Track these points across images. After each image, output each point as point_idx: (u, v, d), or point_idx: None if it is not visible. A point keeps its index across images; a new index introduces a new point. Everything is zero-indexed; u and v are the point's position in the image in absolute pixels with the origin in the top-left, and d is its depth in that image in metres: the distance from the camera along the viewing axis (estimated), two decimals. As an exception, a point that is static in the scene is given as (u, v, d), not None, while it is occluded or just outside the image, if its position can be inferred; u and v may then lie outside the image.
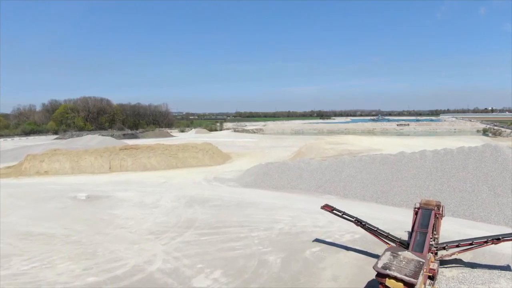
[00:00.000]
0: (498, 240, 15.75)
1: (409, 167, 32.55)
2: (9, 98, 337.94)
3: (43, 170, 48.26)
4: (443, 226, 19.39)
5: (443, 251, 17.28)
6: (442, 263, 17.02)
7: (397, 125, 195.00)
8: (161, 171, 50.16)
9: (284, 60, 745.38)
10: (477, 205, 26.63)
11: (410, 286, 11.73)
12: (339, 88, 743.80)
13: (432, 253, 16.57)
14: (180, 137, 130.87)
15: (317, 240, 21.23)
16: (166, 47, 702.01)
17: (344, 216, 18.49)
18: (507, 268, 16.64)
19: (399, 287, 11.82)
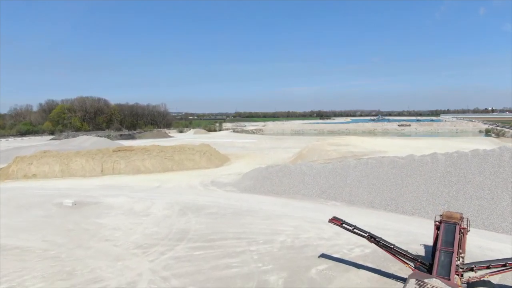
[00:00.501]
0: None
1: (420, 171, 30.26)
2: (7, 98, 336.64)
3: (31, 173, 45.84)
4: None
5: (470, 272, 15.03)
6: (469, 286, 14.78)
7: (398, 125, 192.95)
8: (155, 174, 47.80)
9: (284, 60, 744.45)
10: (497, 214, 24.36)
11: None
12: (339, 88, 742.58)
13: (458, 275, 14.41)
14: (178, 138, 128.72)
15: (323, 256, 19.01)
16: (166, 47, 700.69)
17: (355, 231, 16.31)
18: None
19: None
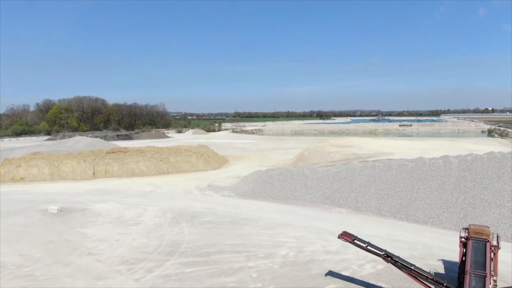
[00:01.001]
0: None
1: (432, 175, 28.07)
2: (7, 98, 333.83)
3: (19, 176, 43.57)
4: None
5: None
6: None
7: (400, 125, 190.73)
8: (149, 177, 45.53)
9: (284, 60, 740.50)
10: (520, 224, 22.20)
11: None
12: (339, 88, 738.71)
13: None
14: (177, 138, 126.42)
15: (331, 274, 16.91)
16: (166, 47, 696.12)
17: (369, 248, 14.22)
18: None
19: None
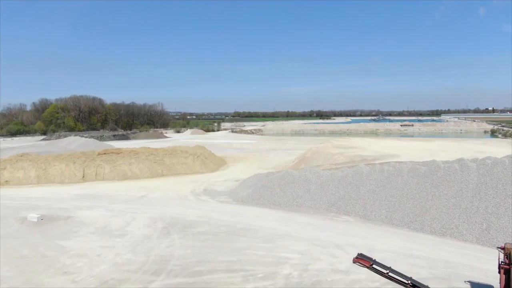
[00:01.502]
0: None
1: (448, 181, 25.62)
2: (6, 98, 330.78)
3: (3, 179, 41.08)
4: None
5: None
6: None
7: (401, 125, 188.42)
8: (143, 180, 43.06)
9: (284, 60, 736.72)
10: (552, 237, 19.77)
11: None
12: (339, 88, 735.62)
13: None
14: (174, 138, 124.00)
15: (342, 300, 14.43)
16: (165, 47, 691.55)
17: (391, 275, 11.76)
18: None
19: None
